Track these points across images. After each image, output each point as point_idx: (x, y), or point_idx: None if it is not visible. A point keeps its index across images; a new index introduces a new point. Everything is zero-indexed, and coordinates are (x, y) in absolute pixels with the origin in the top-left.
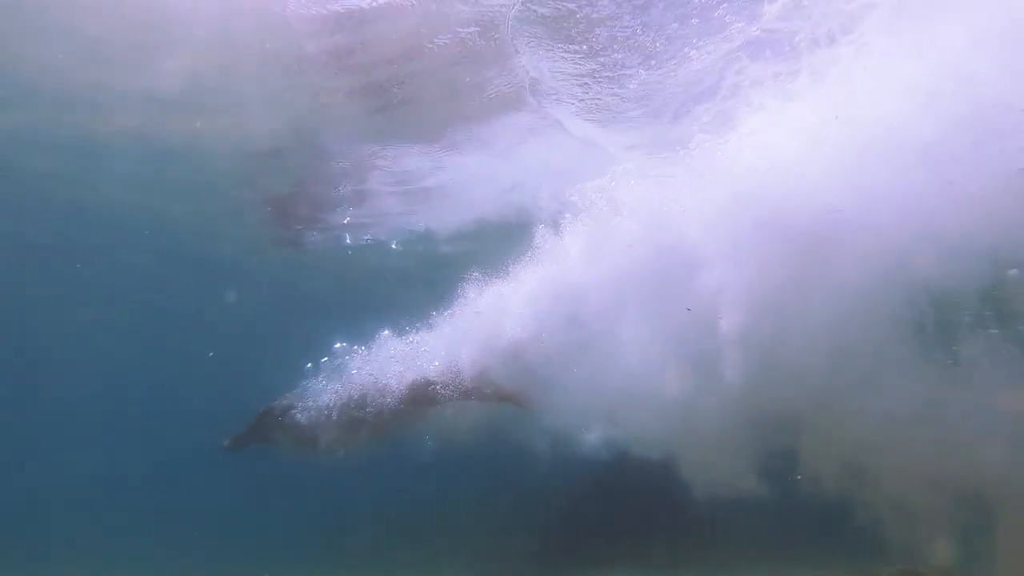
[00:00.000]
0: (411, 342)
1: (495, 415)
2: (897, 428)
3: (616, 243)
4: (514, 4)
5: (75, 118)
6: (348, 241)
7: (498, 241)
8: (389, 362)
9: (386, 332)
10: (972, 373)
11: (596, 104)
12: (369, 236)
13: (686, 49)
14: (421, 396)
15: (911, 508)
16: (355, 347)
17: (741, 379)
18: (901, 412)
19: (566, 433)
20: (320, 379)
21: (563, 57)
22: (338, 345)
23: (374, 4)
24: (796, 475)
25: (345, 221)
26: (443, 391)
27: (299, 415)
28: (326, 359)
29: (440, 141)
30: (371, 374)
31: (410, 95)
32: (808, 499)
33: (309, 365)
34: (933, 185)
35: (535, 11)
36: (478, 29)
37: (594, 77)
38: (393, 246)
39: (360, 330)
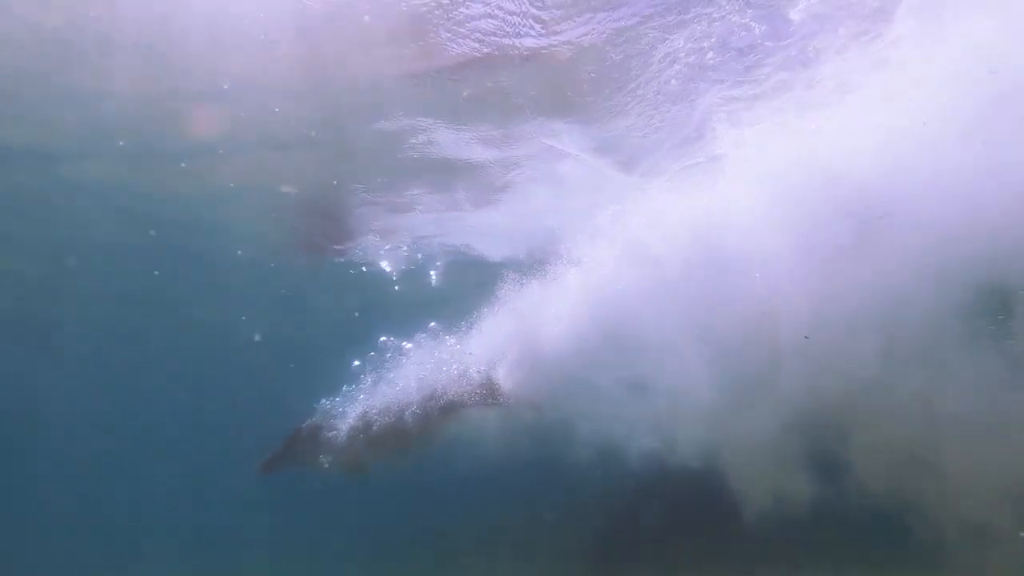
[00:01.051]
0: (448, 347)
1: (533, 423)
2: (958, 431)
3: (652, 254)
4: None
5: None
6: (386, 267)
7: (531, 266)
8: (420, 369)
9: (418, 339)
10: None
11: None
12: (405, 266)
13: (705, 45)
14: (449, 404)
15: (974, 519)
16: (401, 343)
17: (793, 382)
18: (961, 415)
19: (611, 441)
20: (361, 383)
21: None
22: (383, 339)
23: None
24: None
25: (382, 252)
26: (471, 398)
27: (329, 433)
28: (373, 354)
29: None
30: (412, 377)
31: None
32: (863, 509)
33: (356, 363)
34: (980, 169)
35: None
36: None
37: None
38: (432, 273)
39: (391, 343)
